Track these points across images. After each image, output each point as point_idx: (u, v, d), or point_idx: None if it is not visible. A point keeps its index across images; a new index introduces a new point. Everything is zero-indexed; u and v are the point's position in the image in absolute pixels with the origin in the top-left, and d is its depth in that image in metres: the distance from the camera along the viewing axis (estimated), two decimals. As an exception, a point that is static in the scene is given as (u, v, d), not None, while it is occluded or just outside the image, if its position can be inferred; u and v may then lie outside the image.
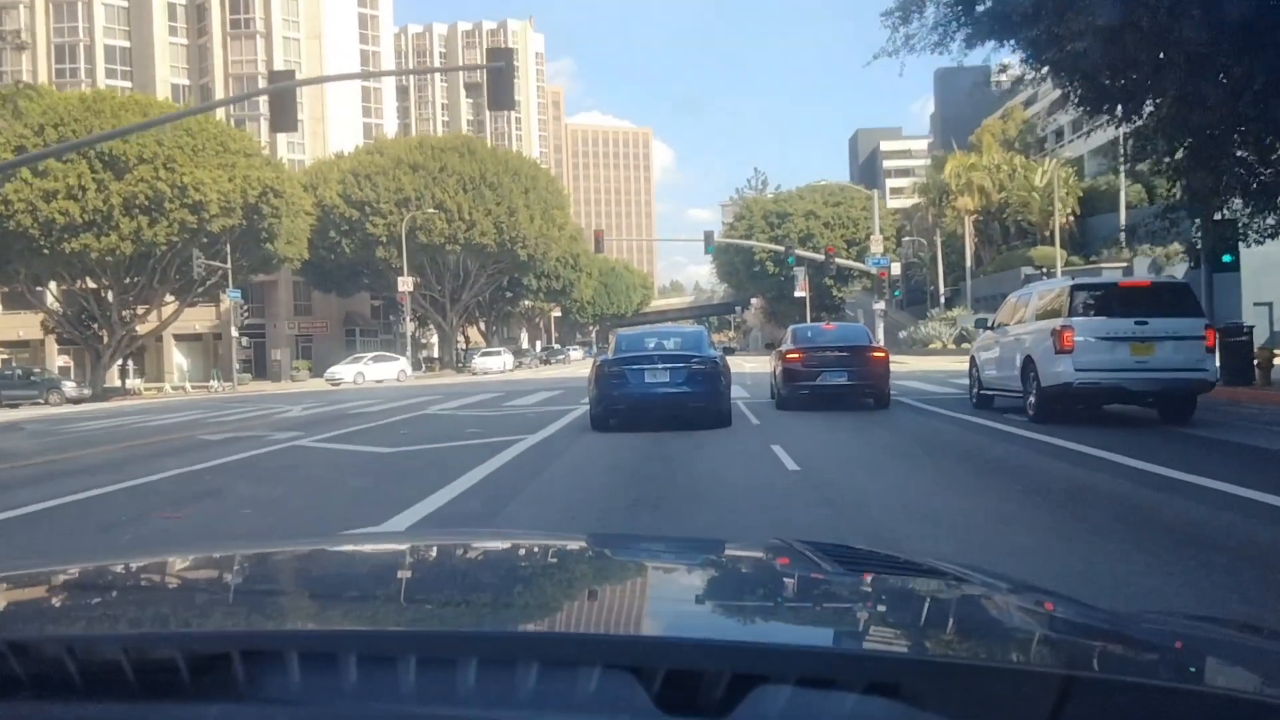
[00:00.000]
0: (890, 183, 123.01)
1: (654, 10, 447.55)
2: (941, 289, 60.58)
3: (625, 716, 0.95)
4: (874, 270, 53.35)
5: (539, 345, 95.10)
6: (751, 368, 36.55)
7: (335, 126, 68.43)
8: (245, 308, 51.71)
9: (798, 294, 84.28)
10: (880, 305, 53.07)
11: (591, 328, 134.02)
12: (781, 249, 59.98)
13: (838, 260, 54.04)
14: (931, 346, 52.48)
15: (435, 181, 54.84)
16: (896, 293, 53.90)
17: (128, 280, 43.86)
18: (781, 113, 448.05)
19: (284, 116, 21.27)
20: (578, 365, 55.06)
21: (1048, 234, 55.33)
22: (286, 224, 46.18)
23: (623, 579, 1.72)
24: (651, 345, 14.10)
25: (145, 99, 46.10)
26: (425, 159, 55.48)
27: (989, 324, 16.96)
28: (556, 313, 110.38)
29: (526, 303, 78.61)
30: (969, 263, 58.82)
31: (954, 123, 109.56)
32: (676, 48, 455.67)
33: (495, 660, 1.02)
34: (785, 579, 1.66)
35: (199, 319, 57.57)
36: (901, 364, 34.87)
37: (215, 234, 42.36)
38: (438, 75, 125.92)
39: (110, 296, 45.16)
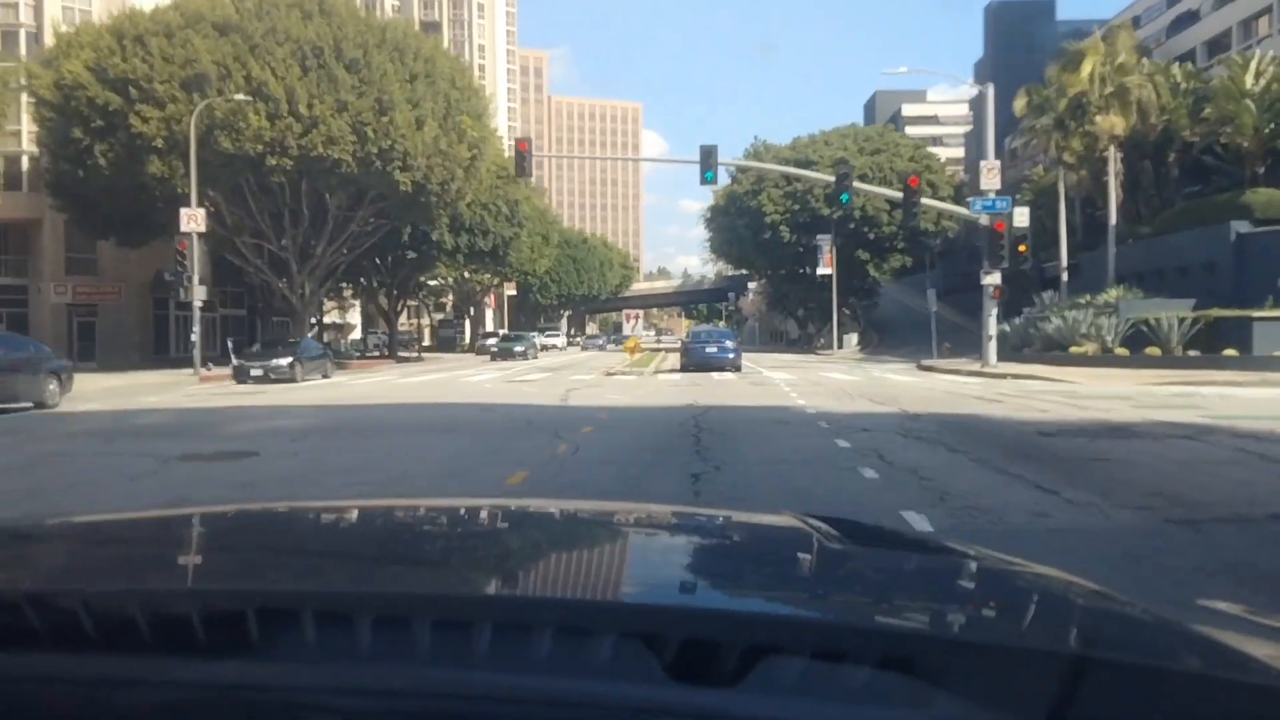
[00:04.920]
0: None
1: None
2: (1064, 258, 38.80)
3: (636, 683, 0.95)
4: (982, 218, 31.85)
5: (488, 328, 72.97)
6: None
7: None
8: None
9: (822, 271, 62.57)
10: (993, 279, 31.53)
11: (563, 312, 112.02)
12: (821, 178, 38.34)
13: (924, 201, 32.47)
14: (1076, 351, 31.11)
15: (254, 51, 32.99)
16: (1023, 263, 32.12)
17: None
18: (786, 92, 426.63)
19: None
20: (544, 383, 33.32)
21: (1260, 170, 33.82)
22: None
23: (636, 549, 1.74)
24: (704, 336, 34.24)
25: None
26: (242, 17, 33.66)
27: None
28: (511, 290, 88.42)
29: (443, 272, 56.56)
30: (1112, 219, 37.12)
31: (1009, 70, 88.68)
32: (671, 32, 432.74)
33: (509, 625, 1.04)
34: (796, 552, 1.65)
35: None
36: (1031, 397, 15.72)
37: None
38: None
39: None
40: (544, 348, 64.26)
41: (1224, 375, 23.81)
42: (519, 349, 49.17)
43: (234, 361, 29.86)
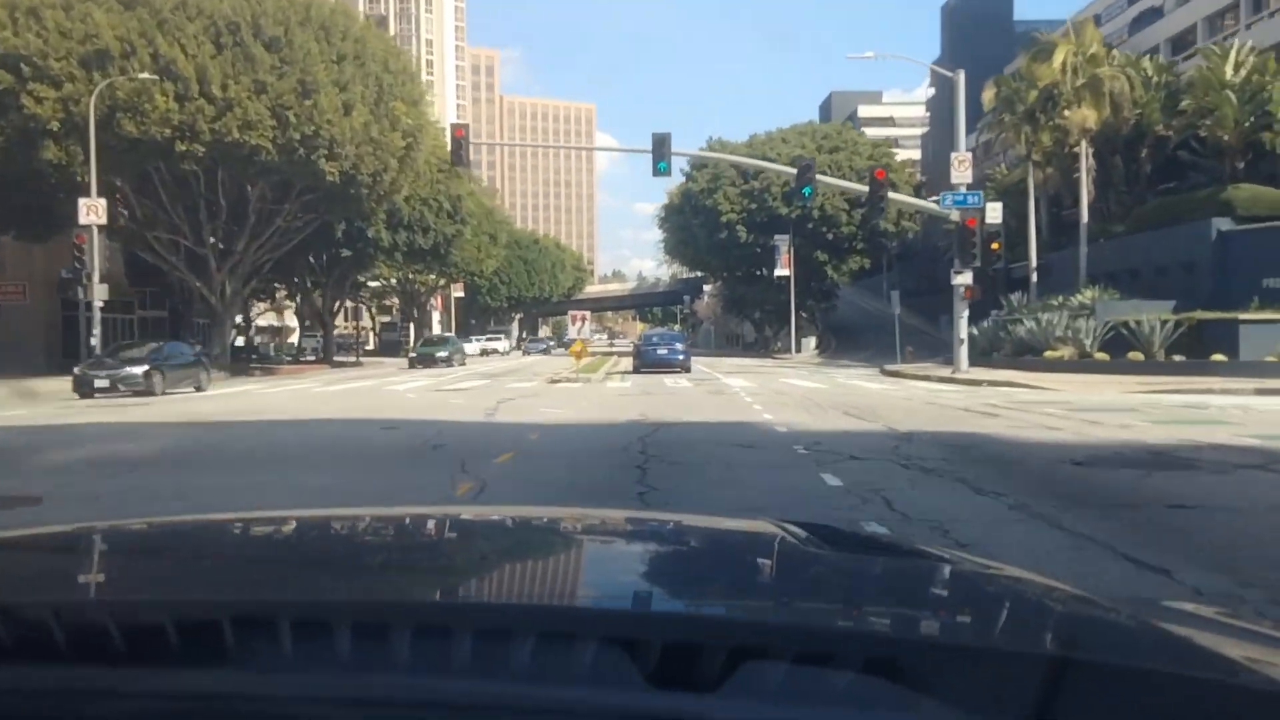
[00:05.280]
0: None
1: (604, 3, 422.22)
2: (1033, 258, 36.97)
3: (617, 689, 0.94)
4: (952, 214, 29.81)
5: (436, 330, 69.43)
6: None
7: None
8: None
9: (779, 272, 60.44)
10: (964, 279, 29.50)
11: (514, 315, 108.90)
12: (783, 169, 36.29)
13: (891, 195, 30.32)
14: (1051, 355, 29.18)
15: (162, 27, 30.00)
16: (995, 262, 30.14)
17: None
18: (741, 96, 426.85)
19: None
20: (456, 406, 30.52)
21: (1240, 165, 32.12)
22: None
23: (614, 554, 1.74)
24: (655, 339, 36.10)
25: None
26: (150, -11, 30.68)
27: None
28: (459, 292, 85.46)
29: (382, 271, 53.61)
30: (1084, 217, 35.33)
31: (966, 71, 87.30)
32: (628, 40, 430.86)
33: (489, 632, 1.02)
34: (775, 557, 1.64)
35: None
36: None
37: None
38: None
39: None
40: (485, 352, 60.77)
41: (1218, 382, 21.93)
42: (442, 354, 42.63)
43: (75, 370, 23.42)
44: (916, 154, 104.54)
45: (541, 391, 21.68)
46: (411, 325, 76.83)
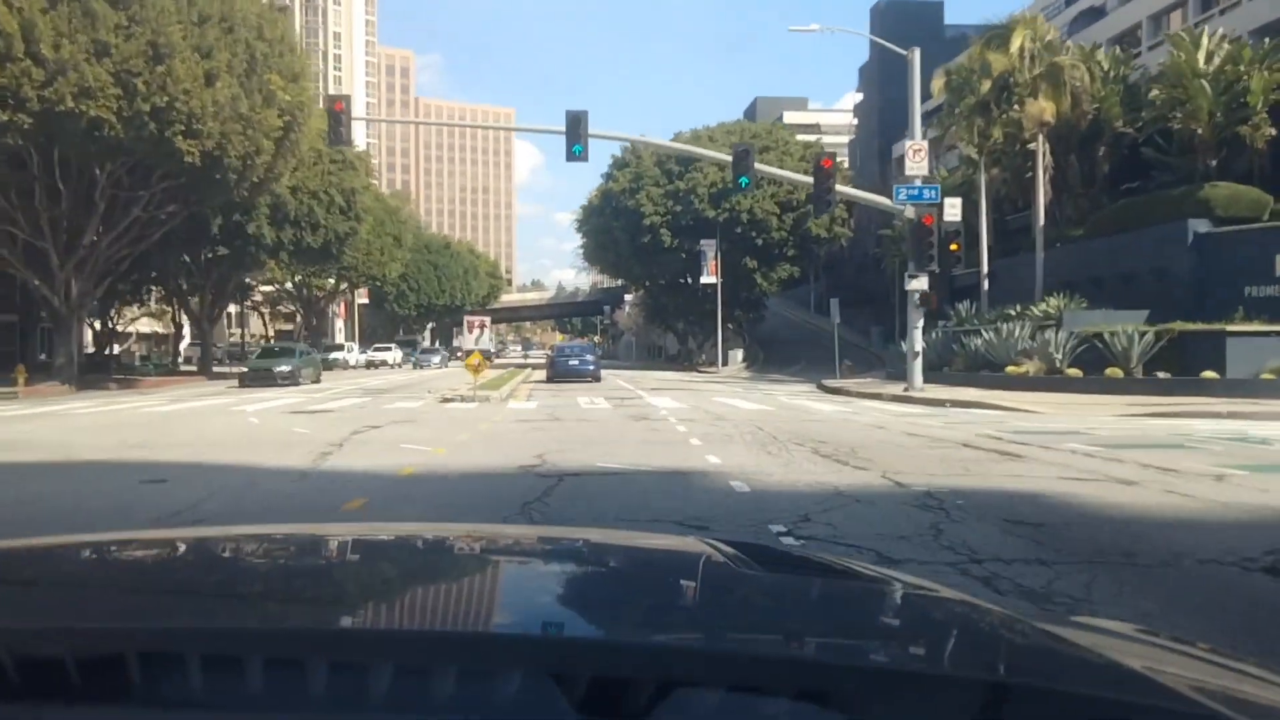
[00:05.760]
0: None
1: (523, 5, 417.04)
2: (985, 264, 33.85)
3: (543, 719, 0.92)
4: (905, 210, 26.37)
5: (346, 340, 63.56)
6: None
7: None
8: None
9: (706, 280, 56.71)
10: (920, 283, 25.98)
11: (426, 324, 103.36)
12: (717, 156, 32.65)
13: (840, 190, 26.73)
14: (1014, 371, 25.94)
15: (-25, -27, 25.07)
16: (955, 264, 26.84)
17: None
18: (664, 102, 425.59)
19: None
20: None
21: (1213, 163, 29.30)
22: None
23: (541, 579, 1.65)
24: (568, 351, 36.61)
25: None
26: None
27: None
28: (364, 299, 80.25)
29: (274, 274, 48.52)
30: (1039, 220, 32.32)
31: (895, 75, 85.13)
32: (547, 44, 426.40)
33: (409, 664, 0.97)
34: (709, 581, 1.57)
35: None
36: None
37: None
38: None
39: None
40: (374, 365, 54.97)
41: (1218, 404, 18.83)
42: (284, 369, 31.78)
43: None
44: (845, 161, 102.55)
45: (423, 415, 17.44)
46: (305, 334, 71.42)
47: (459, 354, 52.91)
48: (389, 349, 61.48)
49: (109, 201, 30.35)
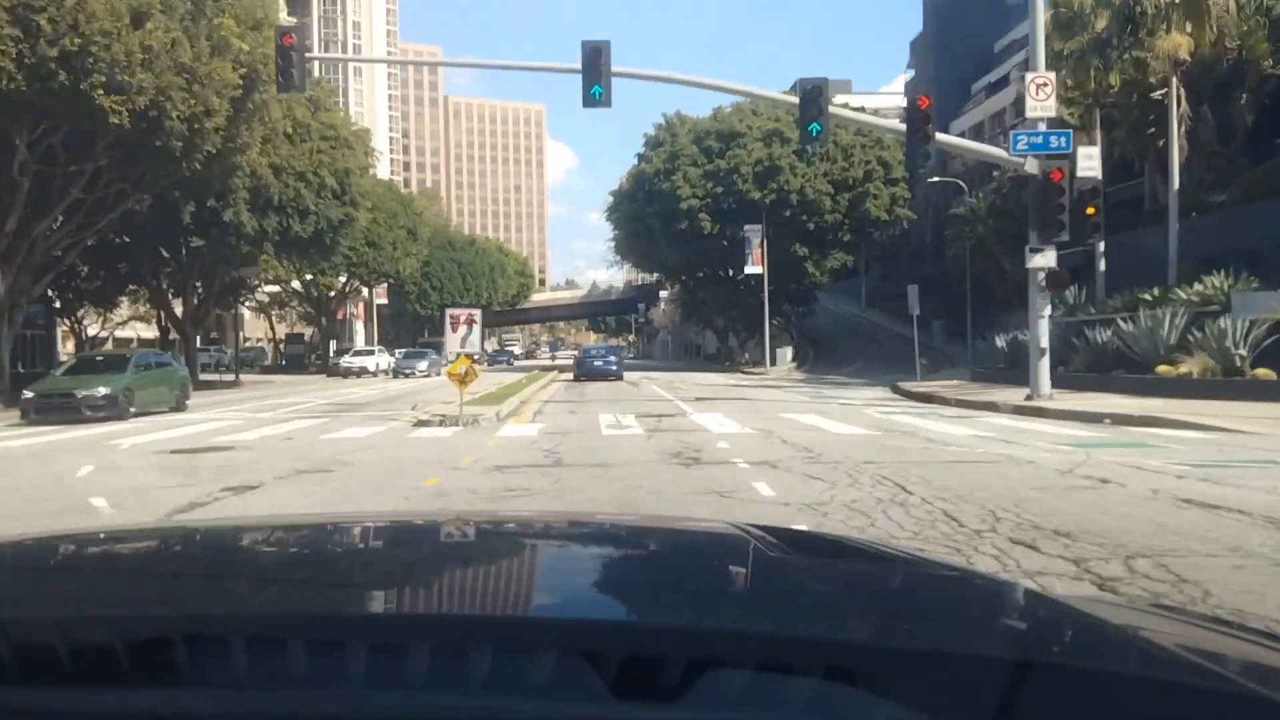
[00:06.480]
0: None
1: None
2: (1101, 240, 27.58)
3: (578, 701, 0.94)
4: (1028, 162, 20.22)
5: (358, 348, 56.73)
6: None
7: None
8: None
9: (750, 270, 50.53)
10: (1046, 259, 19.70)
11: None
12: (784, 99, 26.82)
13: (940, 138, 20.68)
14: (1166, 371, 19.86)
15: None
16: (1093, 233, 20.64)
17: None
18: (699, 95, 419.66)
19: None
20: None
21: None
22: None
23: (575, 562, 1.68)
24: (594, 352, 41.15)
25: None
26: None
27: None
28: (382, 298, 74.97)
29: (279, 271, 43.14)
30: (1175, 181, 26.04)
31: (950, 50, 78.53)
32: (582, 34, 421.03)
33: (447, 644, 1.01)
34: (739, 563, 1.59)
35: None
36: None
37: None
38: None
39: None
40: (351, 371, 46.71)
41: None
42: (96, 394, 19.26)
43: None
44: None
45: (361, 454, 11.65)
46: (314, 336, 66.11)
47: (447, 357, 45.16)
48: (370, 353, 51.29)
49: (35, 179, 24.97)
